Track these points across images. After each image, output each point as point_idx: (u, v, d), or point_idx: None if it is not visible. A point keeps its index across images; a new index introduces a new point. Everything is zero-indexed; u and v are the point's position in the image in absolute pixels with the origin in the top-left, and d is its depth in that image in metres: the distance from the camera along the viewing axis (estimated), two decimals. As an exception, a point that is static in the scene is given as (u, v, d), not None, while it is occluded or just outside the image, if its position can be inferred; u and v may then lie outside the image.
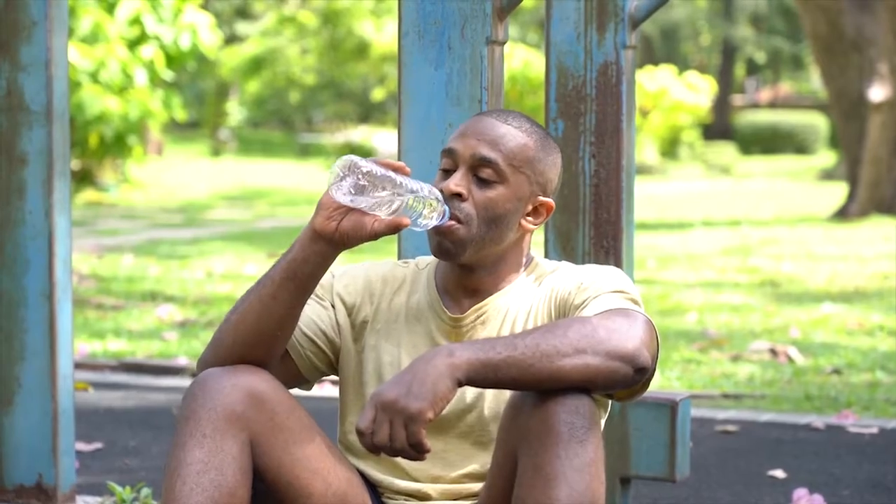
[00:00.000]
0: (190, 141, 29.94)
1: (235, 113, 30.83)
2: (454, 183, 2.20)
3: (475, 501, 2.21)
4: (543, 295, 2.24)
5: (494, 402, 2.21)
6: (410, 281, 2.33)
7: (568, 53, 3.11)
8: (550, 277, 2.27)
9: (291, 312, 2.17)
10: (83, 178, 17.15)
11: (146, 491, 3.47)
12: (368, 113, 31.25)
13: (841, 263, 9.89)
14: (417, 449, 1.97)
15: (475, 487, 2.22)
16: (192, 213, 15.96)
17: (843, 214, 14.39)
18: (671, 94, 23.36)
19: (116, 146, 16.03)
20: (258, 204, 17.68)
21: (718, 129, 32.44)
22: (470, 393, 2.22)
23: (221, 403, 2.09)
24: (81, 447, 4.12)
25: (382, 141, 23.90)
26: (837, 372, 5.56)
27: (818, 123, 29.80)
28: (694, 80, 23.96)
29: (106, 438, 4.35)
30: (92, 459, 4.06)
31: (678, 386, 5.27)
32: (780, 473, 3.92)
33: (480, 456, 2.23)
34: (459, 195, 2.20)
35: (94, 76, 15.08)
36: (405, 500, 2.24)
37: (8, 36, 3.27)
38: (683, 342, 6.25)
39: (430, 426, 1.98)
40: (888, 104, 14.35)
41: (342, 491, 2.17)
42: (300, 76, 29.33)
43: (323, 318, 2.29)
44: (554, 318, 2.21)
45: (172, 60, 15.76)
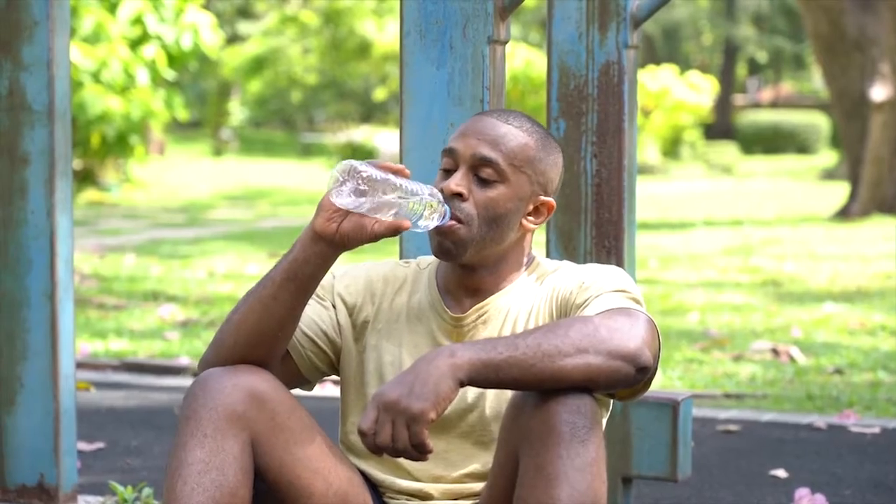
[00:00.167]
0: (192, 141, 29.95)
1: (237, 113, 30.84)
2: (455, 183, 2.20)
3: (477, 501, 2.21)
4: (545, 294, 2.24)
5: (496, 401, 2.21)
6: (412, 281, 2.32)
7: (570, 53, 3.10)
8: (552, 277, 2.26)
9: (292, 313, 2.17)
10: (85, 177, 17.16)
11: (148, 491, 3.47)
12: (370, 112, 31.24)
13: (843, 263, 9.89)
14: (420, 449, 1.97)
15: (477, 487, 2.22)
16: (193, 212, 15.96)
17: (844, 214, 14.39)
18: (673, 93, 23.36)
19: (118, 146, 16.03)
20: (260, 204, 17.68)
21: (720, 128, 32.44)
22: (471, 392, 2.21)
23: (222, 403, 2.09)
24: (83, 447, 4.12)
25: (384, 141, 23.88)
26: (839, 372, 5.56)
27: (820, 123, 29.79)
28: (696, 79, 23.97)
29: (108, 438, 4.35)
30: (94, 459, 4.06)
31: (680, 386, 5.27)
32: (781, 473, 3.92)
33: (482, 455, 2.22)
34: (460, 195, 2.20)
35: (95, 76, 15.09)
36: (407, 499, 2.24)
37: (10, 36, 3.27)
38: (685, 342, 6.24)
39: (431, 426, 1.98)
40: (890, 104, 14.34)
41: (343, 490, 2.17)
42: (302, 76, 29.33)
43: (324, 318, 2.29)
44: (555, 317, 2.21)
45: (174, 60, 15.77)
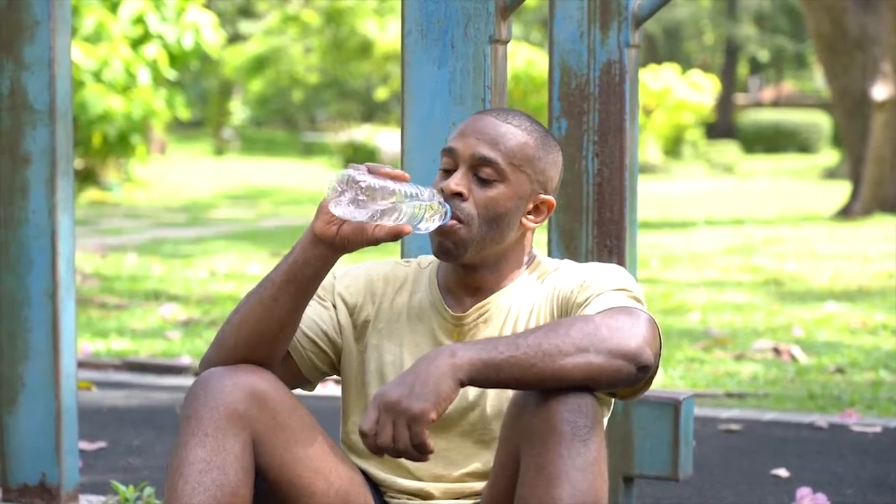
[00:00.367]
0: (193, 140, 29.96)
1: (239, 112, 30.85)
2: (454, 183, 2.20)
3: (478, 500, 2.21)
4: (546, 293, 2.24)
5: (496, 400, 2.21)
6: (412, 280, 2.32)
7: (571, 52, 3.10)
8: (553, 275, 2.26)
9: (292, 315, 2.17)
10: (86, 177, 17.17)
11: (149, 490, 3.47)
12: (372, 112, 31.25)
13: (844, 262, 9.88)
14: (421, 450, 1.97)
15: (478, 486, 2.22)
16: (195, 212, 15.96)
17: (846, 213, 14.38)
18: (674, 92, 23.38)
19: (120, 145, 16.04)
20: (261, 203, 17.69)
21: (722, 127, 32.44)
22: (472, 391, 2.21)
23: (223, 402, 2.09)
24: (85, 446, 4.12)
25: (386, 140, 23.88)
26: (841, 371, 5.56)
27: (821, 122, 29.79)
28: (697, 78, 23.98)
29: (109, 437, 4.35)
30: (95, 458, 4.06)
31: (681, 385, 5.27)
32: (783, 472, 3.92)
33: (483, 454, 2.22)
34: (460, 195, 2.19)
35: (97, 75, 15.09)
36: (408, 498, 2.24)
37: (11, 35, 3.27)
38: (687, 341, 6.24)
39: (432, 426, 1.98)
40: (891, 103, 14.33)
41: (344, 490, 2.17)
42: (303, 75, 29.35)
43: (324, 318, 2.29)
44: (556, 316, 2.21)
45: (176, 59, 15.77)
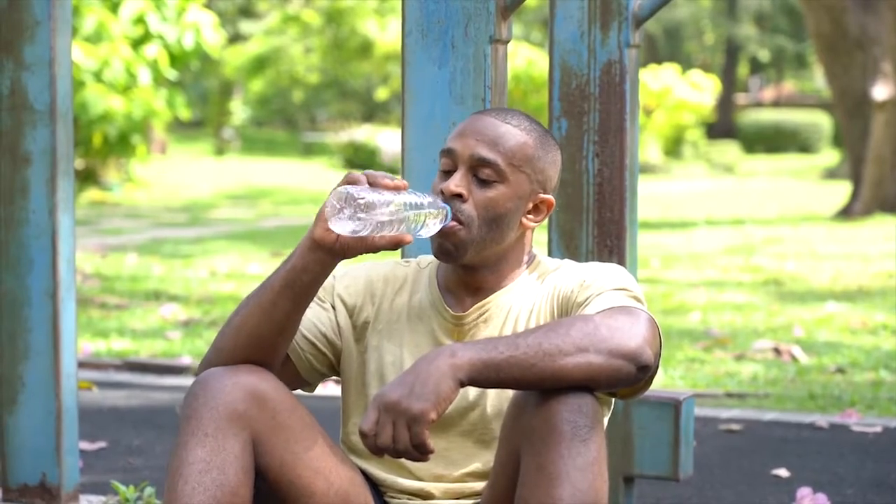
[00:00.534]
0: (194, 140, 29.96)
1: (239, 112, 30.85)
2: (454, 184, 2.19)
3: (478, 500, 2.21)
4: (546, 293, 2.24)
5: (497, 399, 2.21)
6: (412, 280, 2.32)
7: (571, 52, 3.10)
8: (553, 275, 2.26)
9: (291, 319, 2.17)
10: (87, 177, 17.17)
11: (150, 490, 3.47)
12: (372, 112, 31.26)
13: (844, 262, 9.88)
14: (421, 450, 1.97)
15: (478, 486, 2.22)
16: (195, 212, 15.96)
17: (846, 213, 14.38)
18: (675, 92, 23.38)
19: (120, 145, 16.04)
20: (262, 203, 17.68)
21: (722, 127, 32.44)
22: (472, 391, 2.21)
23: (223, 402, 2.09)
24: (85, 446, 4.12)
25: (386, 140, 23.88)
26: (841, 371, 5.56)
27: (822, 122, 29.79)
28: (697, 78, 23.98)
29: (109, 438, 4.35)
30: (95, 459, 4.06)
31: (682, 385, 5.27)
32: (783, 472, 3.92)
33: (483, 454, 2.22)
34: (460, 196, 2.19)
35: (97, 75, 15.09)
36: (408, 498, 2.24)
37: (11, 35, 3.27)
38: (687, 341, 6.24)
39: (432, 425, 1.98)
40: (892, 103, 14.33)
41: (344, 490, 2.17)
42: (304, 75, 29.35)
43: (323, 320, 2.28)
44: (556, 315, 2.21)
45: (176, 59, 15.77)
